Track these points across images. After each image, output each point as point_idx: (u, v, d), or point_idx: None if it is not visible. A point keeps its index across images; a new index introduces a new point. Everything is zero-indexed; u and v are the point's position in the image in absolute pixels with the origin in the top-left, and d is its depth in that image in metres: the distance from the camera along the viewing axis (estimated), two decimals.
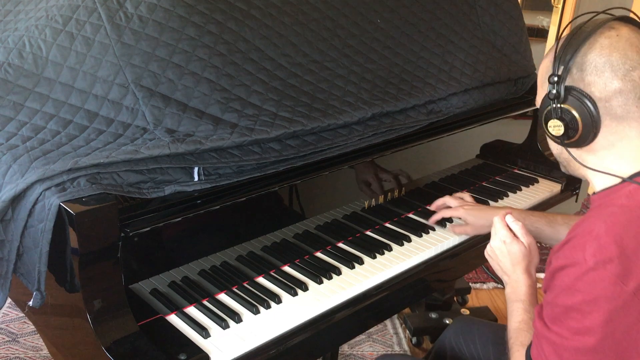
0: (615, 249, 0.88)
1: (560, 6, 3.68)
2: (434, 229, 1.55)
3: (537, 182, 1.89)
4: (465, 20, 1.81)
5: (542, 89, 1.05)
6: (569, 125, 1.00)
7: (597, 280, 0.89)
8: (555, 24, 3.71)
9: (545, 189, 1.85)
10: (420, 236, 1.52)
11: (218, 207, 1.20)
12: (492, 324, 1.52)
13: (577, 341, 0.92)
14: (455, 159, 1.75)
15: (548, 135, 1.05)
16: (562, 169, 1.12)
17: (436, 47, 1.70)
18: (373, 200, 1.53)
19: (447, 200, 1.58)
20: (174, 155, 1.15)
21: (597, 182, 1.04)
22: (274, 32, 1.42)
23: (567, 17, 3.63)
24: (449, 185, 1.75)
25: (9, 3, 1.49)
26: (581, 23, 1.01)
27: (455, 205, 1.54)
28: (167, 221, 1.14)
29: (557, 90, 1.00)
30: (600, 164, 1.02)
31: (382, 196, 1.55)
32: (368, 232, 1.52)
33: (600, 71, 0.96)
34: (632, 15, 1.01)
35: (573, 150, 1.04)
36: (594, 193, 1.05)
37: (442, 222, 1.57)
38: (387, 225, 1.57)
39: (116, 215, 1.05)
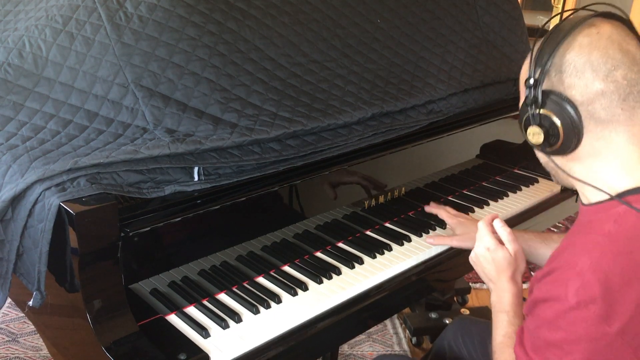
0: (599, 288, 0.83)
1: (560, 6, 3.68)
2: (434, 229, 1.55)
3: (537, 182, 1.89)
4: (465, 20, 1.81)
5: (522, 94, 0.99)
6: (550, 132, 0.93)
7: (579, 321, 0.85)
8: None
9: (545, 189, 1.85)
10: (420, 236, 1.52)
11: (218, 207, 1.20)
12: (491, 324, 1.52)
13: None
14: (455, 159, 1.75)
15: (530, 144, 1.00)
16: (553, 179, 1.07)
17: (436, 47, 1.69)
18: (373, 200, 1.53)
19: (440, 212, 1.54)
20: (173, 155, 1.15)
21: (588, 193, 0.97)
22: (274, 32, 1.42)
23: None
24: (449, 185, 1.75)
25: (9, 3, 1.49)
26: (560, 21, 0.96)
27: (447, 215, 1.51)
28: (167, 221, 1.14)
29: (534, 95, 0.93)
30: (588, 174, 0.95)
31: (382, 196, 1.55)
32: (368, 232, 1.52)
33: (580, 72, 0.89)
34: (614, 11, 0.95)
35: (558, 159, 0.97)
36: (582, 202, 0.99)
37: (441, 225, 1.57)
38: (387, 225, 1.56)
39: (116, 215, 1.05)
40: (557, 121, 0.92)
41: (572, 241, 0.93)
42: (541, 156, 1.03)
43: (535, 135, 0.96)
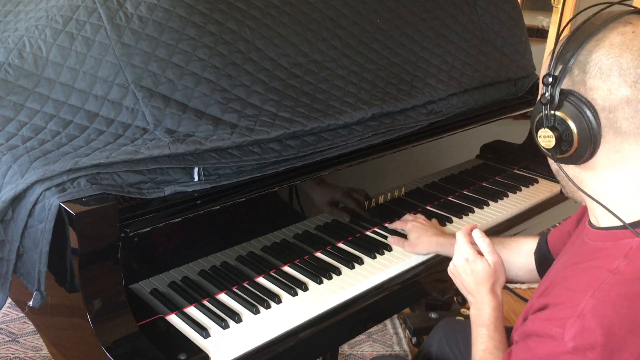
0: (601, 335, 0.75)
1: (560, 6, 3.68)
2: None
3: (537, 182, 1.89)
4: (465, 20, 1.81)
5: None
6: (563, 136, 0.83)
7: None
8: (555, 24, 3.71)
9: (545, 189, 1.85)
10: None
11: (218, 207, 1.20)
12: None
13: None
14: (455, 159, 1.75)
15: (540, 147, 0.90)
16: (562, 190, 0.97)
17: (436, 47, 1.70)
18: (373, 200, 1.53)
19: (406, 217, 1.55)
20: (174, 156, 1.15)
21: (598, 214, 0.88)
22: (274, 32, 1.42)
23: (566, 17, 3.64)
24: (449, 185, 1.75)
25: (9, 3, 1.49)
26: (592, 14, 0.84)
27: (408, 220, 1.52)
28: (167, 221, 1.14)
29: (550, 94, 0.83)
30: (601, 190, 0.86)
31: (382, 196, 1.55)
32: (368, 232, 1.53)
33: (605, 74, 0.79)
34: None
35: (570, 168, 0.88)
36: (590, 223, 0.91)
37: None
38: (387, 225, 1.56)
39: (116, 215, 1.05)
40: (573, 126, 0.82)
41: (575, 271, 0.85)
42: (551, 163, 0.94)
43: (546, 138, 0.86)
